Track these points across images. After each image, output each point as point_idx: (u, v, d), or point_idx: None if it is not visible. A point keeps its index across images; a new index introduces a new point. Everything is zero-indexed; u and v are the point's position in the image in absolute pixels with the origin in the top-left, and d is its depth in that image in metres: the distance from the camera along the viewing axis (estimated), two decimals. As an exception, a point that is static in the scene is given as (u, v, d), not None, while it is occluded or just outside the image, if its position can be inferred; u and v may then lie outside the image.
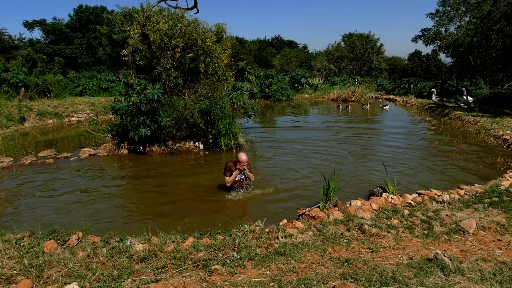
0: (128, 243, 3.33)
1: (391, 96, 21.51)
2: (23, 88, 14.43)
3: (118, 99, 8.27)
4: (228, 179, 5.43)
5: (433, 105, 15.35)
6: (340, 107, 16.79)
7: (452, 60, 21.13)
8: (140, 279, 2.77)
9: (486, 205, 4.40)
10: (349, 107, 16.67)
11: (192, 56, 9.32)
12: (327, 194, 4.38)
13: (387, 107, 16.27)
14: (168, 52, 9.19)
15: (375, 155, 7.85)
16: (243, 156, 5.35)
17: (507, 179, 5.34)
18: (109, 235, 3.54)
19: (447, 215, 4.13)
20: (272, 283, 2.69)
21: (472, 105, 13.04)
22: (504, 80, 18.64)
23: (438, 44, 19.50)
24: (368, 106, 17.05)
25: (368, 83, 25.28)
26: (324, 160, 7.44)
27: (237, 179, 5.51)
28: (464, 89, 14.01)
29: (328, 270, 2.90)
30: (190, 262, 3.02)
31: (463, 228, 3.75)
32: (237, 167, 5.37)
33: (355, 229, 3.74)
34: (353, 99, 20.68)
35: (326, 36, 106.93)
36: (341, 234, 3.63)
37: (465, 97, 13.36)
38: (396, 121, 12.86)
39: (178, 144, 8.50)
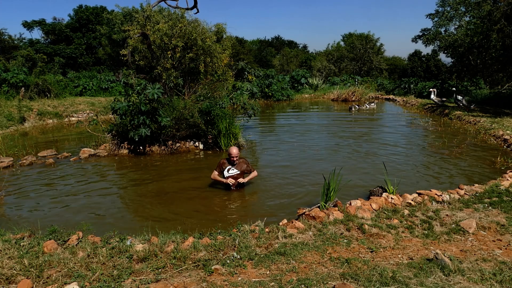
0: (128, 243, 3.33)
1: (391, 96, 21.50)
2: (23, 88, 14.43)
3: (118, 99, 8.27)
4: (212, 174, 5.67)
5: (433, 105, 15.34)
6: (353, 109, 16.25)
7: (452, 60, 21.11)
8: (140, 279, 2.77)
9: (486, 205, 4.40)
10: (358, 107, 16.51)
11: (192, 56, 9.32)
12: (327, 194, 4.38)
13: (373, 104, 17.07)
14: (168, 52, 9.19)
15: (375, 155, 7.85)
16: (233, 150, 5.56)
17: (507, 179, 5.34)
18: (109, 235, 3.54)
19: (447, 215, 4.13)
20: (272, 283, 2.69)
21: (471, 106, 13.04)
22: (504, 80, 18.61)
23: (438, 44, 19.49)
24: (374, 105, 17.08)
25: (368, 83, 25.27)
26: (324, 160, 7.44)
27: (230, 174, 5.55)
28: (454, 88, 14.10)
29: (328, 270, 2.90)
30: (190, 262, 3.02)
31: (463, 228, 3.75)
32: (230, 160, 5.57)
33: (355, 229, 3.74)
34: (353, 99, 20.66)
35: (326, 36, 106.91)
36: (341, 234, 3.63)
37: (459, 97, 13.38)
38: (396, 121, 12.86)
39: (178, 144, 8.50)
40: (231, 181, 5.49)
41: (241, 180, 5.56)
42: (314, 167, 6.91)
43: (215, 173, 5.67)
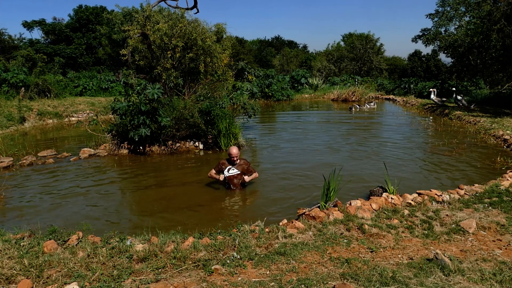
0: (128, 243, 3.33)
1: (391, 96, 21.50)
2: (23, 88, 14.43)
3: (118, 99, 8.27)
4: (209, 173, 5.70)
5: (433, 105, 15.35)
6: (353, 109, 16.17)
7: (452, 60, 21.09)
8: (140, 279, 2.77)
9: (486, 205, 4.40)
10: (358, 107, 16.46)
11: (192, 56, 9.32)
12: (327, 194, 4.38)
13: (372, 104, 17.05)
14: (168, 52, 9.19)
15: (375, 154, 7.86)
16: (233, 150, 5.58)
17: (507, 179, 5.34)
18: (109, 235, 3.54)
19: (447, 215, 4.13)
20: (272, 283, 2.69)
21: (471, 106, 13.06)
22: (504, 80, 18.60)
23: (438, 44, 19.49)
24: (374, 105, 17.11)
25: (368, 83, 25.27)
26: (324, 160, 7.43)
27: (231, 174, 5.55)
28: (454, 88, 14.19)
29: (328, 270, 2.90)
30: (190, 262, 3.02)
31: (463, 228, 3.75)
32: (231, 160, 5.57)
33: (355, 229, 3.74)
34: (353, 99, 20.66)
35: (326, 36, 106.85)
36: (341, 234, 3.63)
37: (459, 97, 13.43)
38: (396, 121, 12.86)
39: (178, 144, 8.50)
40: (221, 177, 5.54)
41: (246, 178, 5.59)
42: (314, 167, 6.91)
43: (212, 171, 5.69)
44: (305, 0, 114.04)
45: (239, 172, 5.58)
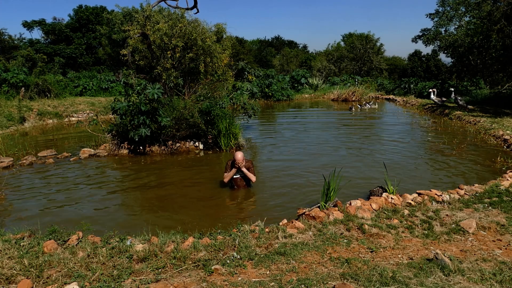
0: (128, 243, 3.33)
1: (391, 96, 21.50)
2: (23, 88, 14.43)
3: (118, 99, 8.27)
4: (225, 175, 5.61)
5: (433, 105, 15.35)
6: (353, 109, 16.24)
7: (452, 60, 21.08)
8: (140, 279, 2.77)
9: (486, 205, 4.40)
10: (360, 107, 16.44)
11: (192, 56, 9.32)
12: (327, 194, 4.38)
13: (371, 104, 17.13)
14: (168, 52, 9.19)
15: (375, 155, 7.86)
16: (238, 155, 5.53)
17: (507, 179, 5.34)
18: (109, 235, 3.54)
19: (447, 215, 4.13)
20: (272, 283, 2.69)
21: (469, 107, 13.07)
22: (504, 80, 18.60)
23: (438, 44, 19.48)
24: (376, 105, 17.10)
25: (368, 83, 25.27)
26: (324, 160, 7.44)
27: (235, 176, 5.55)
28: (452, 89, 14.26)
29: (328, 270, 2.90)
30: (190, 262, 3.02)
31: (463, 228, 3.75)
32: (234, 164, 5.50)
33: (355, 229, 3.74)
34: (353, 99, 20.65)
35: (326, 36, 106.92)
36: (341, 234, 3.63)
37: (458, 97, 13.46)
38: (396, 121, 12.86)
39: (178, 144, 8.50)
40: (238, 162, 5.45)
41: (245, 170, 5.51)
42: (314, 166, 6.91)
43: (225, 174, 5.62)
44: (305, 0, 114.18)
45: (241, 175, 5.60)
